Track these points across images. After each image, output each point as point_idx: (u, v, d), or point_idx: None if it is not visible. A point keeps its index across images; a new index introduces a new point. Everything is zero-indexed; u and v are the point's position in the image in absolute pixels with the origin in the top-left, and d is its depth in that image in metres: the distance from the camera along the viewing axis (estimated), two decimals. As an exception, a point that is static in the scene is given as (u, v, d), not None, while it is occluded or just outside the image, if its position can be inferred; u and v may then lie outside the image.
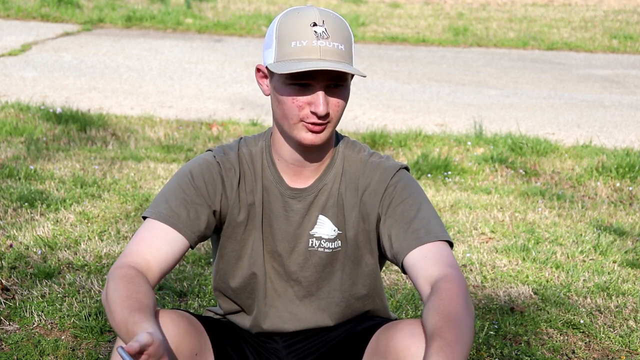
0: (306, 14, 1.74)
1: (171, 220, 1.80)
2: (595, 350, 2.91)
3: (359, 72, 1.73)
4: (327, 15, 1.75)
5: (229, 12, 13.86)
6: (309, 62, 1.70)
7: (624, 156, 5.58)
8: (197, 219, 1.82)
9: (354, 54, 1.78)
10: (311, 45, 1.71)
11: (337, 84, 1.75)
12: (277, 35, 1.75)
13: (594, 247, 3.97)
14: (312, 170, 1.88)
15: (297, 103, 1.75)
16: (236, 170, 1.88)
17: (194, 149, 5.71)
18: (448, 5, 16.74)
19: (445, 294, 1.66)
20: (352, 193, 1.88)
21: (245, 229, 1.90)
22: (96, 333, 2.77)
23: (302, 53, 1.71)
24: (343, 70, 1.70)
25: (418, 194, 1.86)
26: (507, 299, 3.31)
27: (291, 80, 1.74)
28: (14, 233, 3.65)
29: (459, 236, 4.08)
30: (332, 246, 1.89)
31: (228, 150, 1.91)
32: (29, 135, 5.60)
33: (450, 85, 8.95)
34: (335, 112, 1.77)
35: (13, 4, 12.73)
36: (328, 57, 1.71)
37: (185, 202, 1.82)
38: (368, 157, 1.90)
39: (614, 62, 11.25)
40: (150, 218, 1.82)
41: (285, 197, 1.88)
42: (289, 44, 1.72)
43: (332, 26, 1.73)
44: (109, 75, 8.46)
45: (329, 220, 1.89)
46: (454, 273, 1.72)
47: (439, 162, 5.42)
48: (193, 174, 1.86)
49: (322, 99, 1.73)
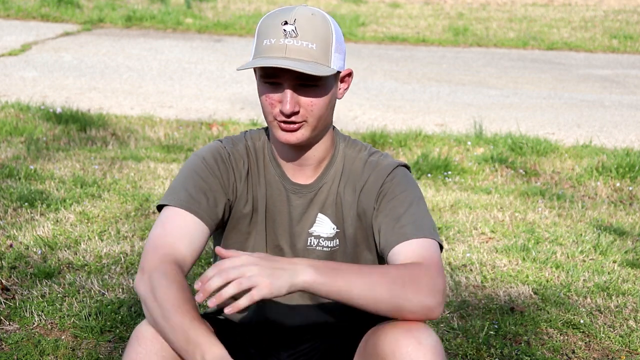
0: (283, 13, 1.74)
1: (193, 208, 1.78)
2: (595, 350, 2.91)
3: (320, 72, 1.70)
4: (304, 13, 1.73)
5: (229, 12, 13.86)
6: (270, 59, 1.70)
7: (624, 156, 5.58)
8: (215, 206, 1.82)
9: (334, 53, 1.75)
10: (278, 43, 1.71)
11: (306, 83, 1.73)
12: (257, 32, 1.78)
13: (594, 247, 3.97)
14: (311, 169, 1.89)
15: (269, 101, 1.76)
16: (245, 162, 1.89)
17: (194, 149, 5.71)
18: (448, 5, 16.74)
19: (411, 265, 1.67)
20: (350, 191, 1.89)
21: (250, 222, 1.90)
22: (96, 333, 2.77)
23: (269, 51, 1.71)
24: (297, 70, 1.67)
25: (412, 191, 1.85)
26: (507, 299, 3.31)
27: (264, 79, 1.75)
28: (14, 233, 3.65)
29: (459, 236, 4.08)
30: (330, 245, 1.90)
31: (237, 141, 1.92)
32: (29, 135, 5.60)
33: (450, 85, 8.94)
34: (309, 112, 1.75)
35: (13, 4, 12.73)
36: (293, 56, 1.70)
37: (204, 190, 1.81)
38: (367, 156, 1.90)
39: (614, 62, 11.25)
40: (172, 206, 1.78)
41: (288, 192, 1.89)
42: (261, 42, 1.74)
43: (304, 25, 1.72)
44: (109, 75, 8.46)
45: (327, 219, 1.90)
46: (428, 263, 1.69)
47: (439, 162, 5.42)
48: (208, 161, 1.85)
49: (289, 97, 1.72)
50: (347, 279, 1.60)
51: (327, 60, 1.74)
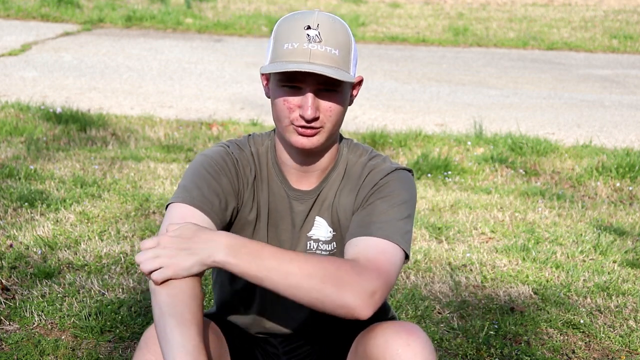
0: (304, 17, 1.73)
1: (206, 208, 1.75)
2: (595, 350, 2.91)
3: (345, 77, 1.70)
4: (325, 19, 1.73)
5: (229, 12, 13.86)
6: (296, 64, 1.68)
7: (624, 156, 5.58)
8: (225, 209, 1.79)
9: (353, 60, 1.76)
10: (302, 48, 1.70)
11: (328, 88, 1.72)
12: (274, 36, 1.76)
13: (594, 247, 3.97)
14: (315, 175, 1.88)
15: (288, 105, 1.74)
16: (252, 168, 1.87)
17: (194, 149, 5.71)
18: (448, 5, 16.74)
19: (346, 261, 1.64)
20: (347, 194, 1.87)
21: (254, 229, 1.89)
22: (96, 333, 2.77)
23: (292, 55, 1.70)
24: (326, 75, 1.67)
25: (400, 194, 1.80)
26: (507, 299, 3.30)
27: (283, 82, 1.73)
28: (14, 233, 3.65)
29: (459, 236, 4.08)
30: (329, 248, 1.89)
31: (242, 146, 1.89)
32: (29, 135, 5.60)
33: (450, 85, 8.95)
34: (327, 117, 1.74)
35: (13, 4, 12.73)
36: (317, 61, 1.69)
37: (217, 191, 1.78)
38: (367, 160, 1.89)
39: (614, 62, 11.25)
40: (183, 203, 1.73)
41: (290, 198, 1.88)
42: (282, 46, 1.72)
43: (327, 30, 1.71)
44: (109, 75, 8.46)
45: (324, 221, 1.88)
46: (367, 263, 1.65)
47: (439, 162, 5.42)
48: (220, 163, 1.82)
49: (311, 101, 1.71)
50: (263, 264, 1.58)
51: (348, 66, 1.74)
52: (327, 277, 1.58)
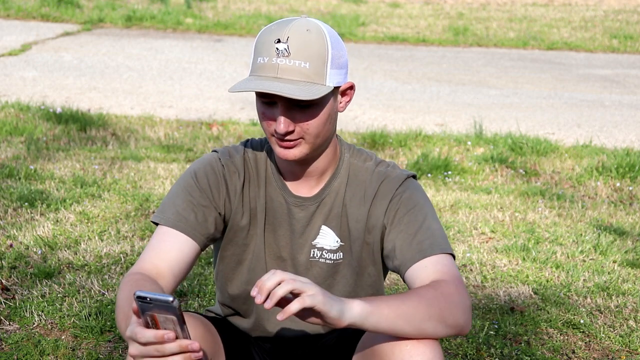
0: (278, 29, 1.70)
1: (179, 225, 1.78)
2: (595, 350, 2.91)
3: (310, 94, 1.66)
4: (298, 31, 1.69)
5: (229, 12, 13.86)
6: (263, 80, 1.67)
7: (624, 156, 5.58)
8: (205, 221, 1.81)
9: (330, 70, 1.70)
10: (271, 62, 1.68)
11: (300, 104, 1.70)
12: (254, 47, 1.75)
13: (594, 247, 3.97)
14: (314, 181, 1.86)
15: (266, 118, 1.74)
16: (240, 174, 1.86)
17: (194, 149, 5.72)
18: (448, 5, 16.74)
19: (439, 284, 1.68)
20: (358, 203, 1.85)
21: (247, 234, 1.88)
22: (96, 333, 2.77)
23: (262, 70, 1.69)
24: (284, 95, 1.63)
25: (423, 204, 1.83)
26: (507, 299, 3.31)
27: (259, 96, 1.73)
28: (14, 233, 3.65)
29: (459, 236, 4.08)
30: (333, 257, 1.88)
31: (234, 152, 1.89)
32: (29, 135, 5.60)
33: (450, 85, 8.95)
34: (304, 130, 1.73)
35: (13, 4, 12.73)
36: (285, 76, 1.67)
37: (192, 205, 1.81)
38: (374, 167, 1.87)
39: (614, 62, 11.25)
40: (160, 224, 1.81)
41: (289, 205, 1.86)
42: (256, 59, 1.72)
43: (296, 43, 1.67)
44: (109, 75, 8.46)
45: (332, 231, 1.87)
46: (452, 279, 1.71)
47: (439, 162, 5.42)
48: (198, 176, 1.84)
49: (281, 118, 1.70)
50: (391, 306, 1.59)
51: (322, 78, 1.69)
52: (442, 303, 1.65)
